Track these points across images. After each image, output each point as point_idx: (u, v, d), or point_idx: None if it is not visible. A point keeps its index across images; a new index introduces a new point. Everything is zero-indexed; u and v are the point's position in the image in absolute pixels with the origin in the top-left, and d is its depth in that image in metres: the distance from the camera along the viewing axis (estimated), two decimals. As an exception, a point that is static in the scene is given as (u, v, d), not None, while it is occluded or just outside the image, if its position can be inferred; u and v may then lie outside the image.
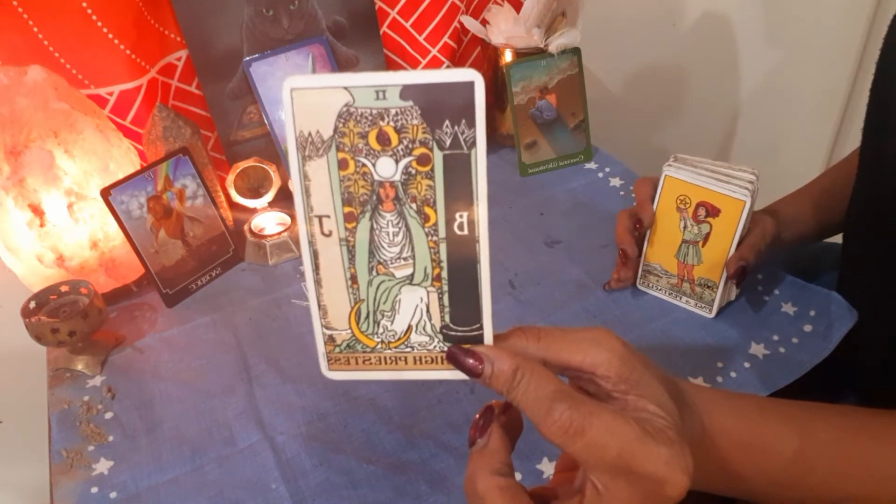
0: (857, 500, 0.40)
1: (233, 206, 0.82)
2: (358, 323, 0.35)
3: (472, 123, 0.30)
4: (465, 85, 0.29)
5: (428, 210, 0.32)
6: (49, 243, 0.66)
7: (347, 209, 0.33)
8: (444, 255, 0.33)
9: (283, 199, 0.85)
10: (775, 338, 0.64)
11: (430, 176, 0.31)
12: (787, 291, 0.69)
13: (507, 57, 0.91)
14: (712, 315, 0.66)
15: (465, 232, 0.32)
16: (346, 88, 0.30)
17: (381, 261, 0.34)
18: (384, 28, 0.90)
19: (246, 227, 0.80)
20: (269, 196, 0.82)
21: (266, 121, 0.81)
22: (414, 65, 0.94)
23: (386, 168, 0.32)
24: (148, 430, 0.59)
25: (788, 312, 0.66)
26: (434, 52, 0.93)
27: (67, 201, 0.66)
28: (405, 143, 0.31)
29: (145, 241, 0.69)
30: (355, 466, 0.55)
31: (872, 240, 0.59)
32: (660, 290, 0.69)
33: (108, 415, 0.61)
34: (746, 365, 0.61)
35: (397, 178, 0.32)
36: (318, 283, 0.34)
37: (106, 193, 0.65)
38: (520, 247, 0.79)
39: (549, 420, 0.31)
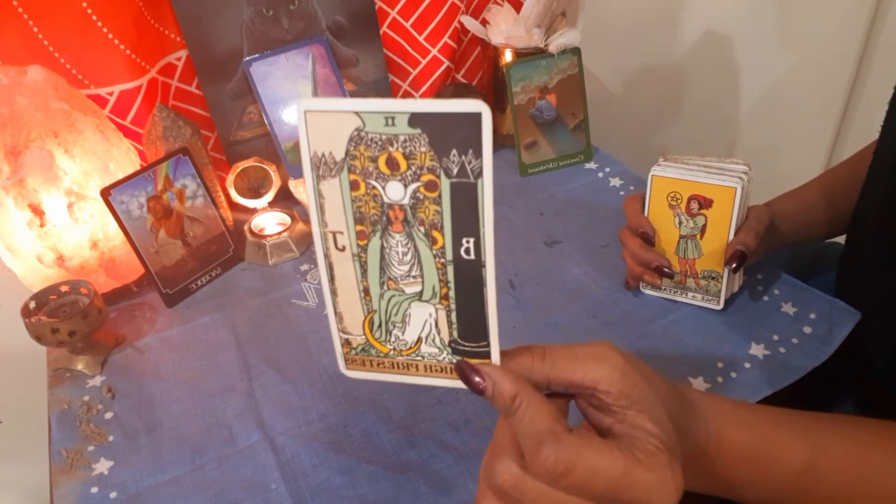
0: None
1: (233, 206, 0.82)
2: (371, 330, 0.37)
3: (478, 154, 0.30)
4: (472, 116, 0.30)
5: (435, 234, 0.33)
6: (49, 243, 0.66)
7: (359, 227, 0.34)
8: (451, 277, 0.34)
9: (283, 199, 0.85)
10: (775, 338, 0.64)
11: (438, 202, 0.32)
12: (787, 292, 0.69)
13: (507, 57, 0.91)
14: (720, 307, 0.66)
15: (472, 257, 0.33)
16: (356, 113, 0.31)
17: (392, 277, 0.35)
18: (384, 28, 0.90)
19: (246, 227, 0.80)
20: (269, 196, 0.82)
21: (266, 121, 0.81)
22: (414, 65, 0.94)
23: (395, 192, 0.32)
24: (148, 430, 0.59)
25: (788, 313, 0.66)
26: (434, 52, 0.93)
27: (67, 201, 0.66)
28: (413, 168, 0.31)
29: (145, 241, 0.69)
30: (355, 466, 0.55)
31: (881, 236, 0.59)
32: (664, 289, 0.69)
33: (108, 415, 0.61)
34: (747, 365, 0.61)
35: (406, 201, 0.33)
36: (333, 292, 0.36)
37: (106, 193, 0.65)
38: (520, 247, 0.79)
39: (535, 461, 0.32)
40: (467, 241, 0.32)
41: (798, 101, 1.40)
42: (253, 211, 0.82)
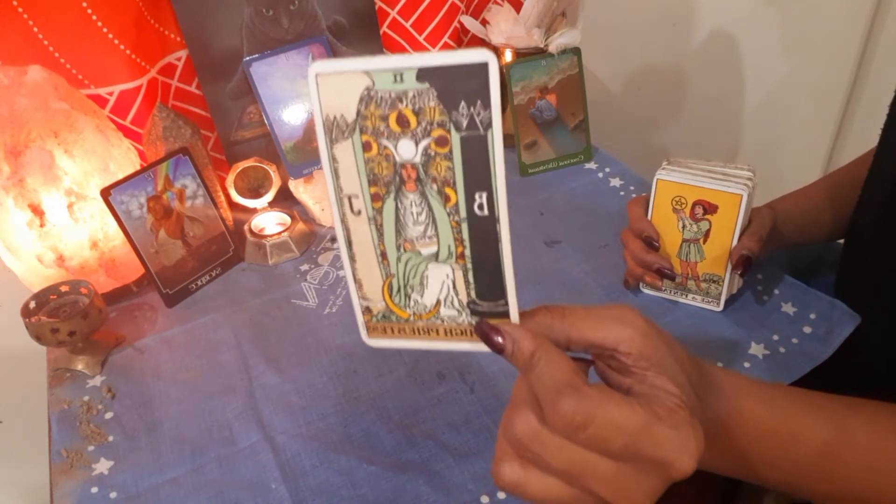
0: (886, 497, 0.39)
1: (233, 206, 0.82)
2: (391, 296, 0.36)
3: (487, 104, 0.30)
4: (478, 66, 0.29)
5: (448, 191, 0.33)
6: (49, 243, 0.66)
7: (373, 189, 0.34)
8: (465, 235, 0.34)
9: (283, 199, 0.85)
10: (775, 338, 0.64)
11: (449, 157, 0.32)
12: (787, 292, 0.69)
13: (507, 57, 0.91)
14: (720, 308, 0.66)
15: (486, 213, 0.33)
16: (365, 72, 0.31)
17: (408, 238, 0.35)
18: (384, 28, 0.90)
19: (246, 227, 0.80)
20: (269, 196, 0.82)
21: (266, 121, 0.81)
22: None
23: (406, 150, 0.32)
24: (148, 430, 0.59)
25: (788, 313, 0.66)
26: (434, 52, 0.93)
27: (67, 201, 0.66)
28: (423, 124, 0.31)
29: (145, 241, 0.69)
30: (355, 466, 0.55)
31: (880, 239, 0.59)
32: (665, 290, 0.69)
33: (108, 415, 0.61)
34: (746, 365, 0.61)
35: (418, 159, 0.32)
36: (351, 258, 0.36)
37: (106, 193, 0.65)
38: (520, 247, 0.79)
39: (553, 413, 0.31)
40: (480, 197, 0.32)
41: (798, 101, 1.40)
42: (253, 211, 0.82)
